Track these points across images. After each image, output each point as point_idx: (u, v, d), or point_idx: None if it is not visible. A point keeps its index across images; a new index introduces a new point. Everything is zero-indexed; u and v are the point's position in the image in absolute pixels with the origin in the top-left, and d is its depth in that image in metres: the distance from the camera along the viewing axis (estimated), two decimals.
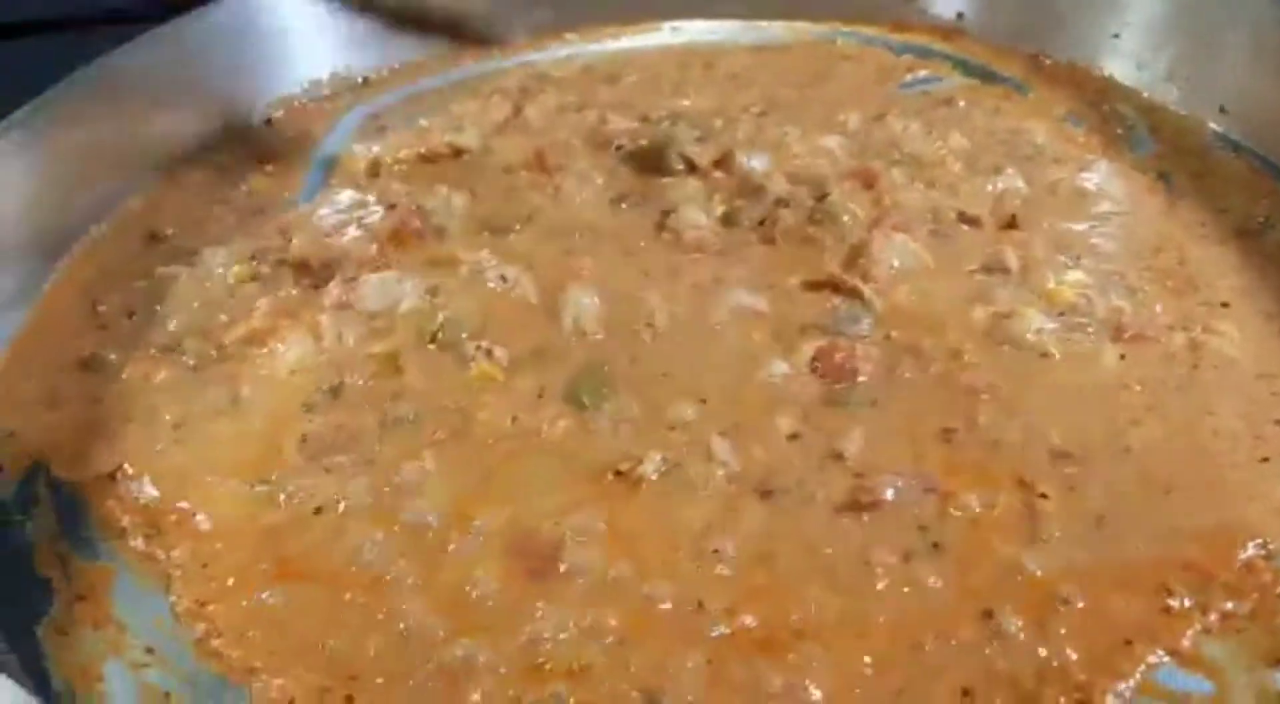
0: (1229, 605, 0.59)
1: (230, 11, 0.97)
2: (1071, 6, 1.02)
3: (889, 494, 0.66)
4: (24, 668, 0.59)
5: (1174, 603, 0.59)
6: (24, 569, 0.65)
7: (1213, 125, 0.94)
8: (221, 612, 0.62)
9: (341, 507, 0.67)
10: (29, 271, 0.83)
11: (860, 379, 0.74)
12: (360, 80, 1.07)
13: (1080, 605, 0.59)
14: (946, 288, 0.80)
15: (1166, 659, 0.57)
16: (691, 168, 0.93)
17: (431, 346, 0.78)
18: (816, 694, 0.57)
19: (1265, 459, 0.67)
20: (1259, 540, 0.62)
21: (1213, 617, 0.59)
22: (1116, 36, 1.00)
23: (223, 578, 0.64)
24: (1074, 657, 0.57)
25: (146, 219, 0.91)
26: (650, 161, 0.94)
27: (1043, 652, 0.58)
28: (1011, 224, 0.85)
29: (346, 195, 0.92)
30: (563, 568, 0.63)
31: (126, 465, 0.70)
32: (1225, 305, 0.77)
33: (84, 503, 0.69)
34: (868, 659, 0.58)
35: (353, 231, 0.88)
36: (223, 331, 0.79)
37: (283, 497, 0.68)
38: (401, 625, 0.61)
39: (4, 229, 0.81)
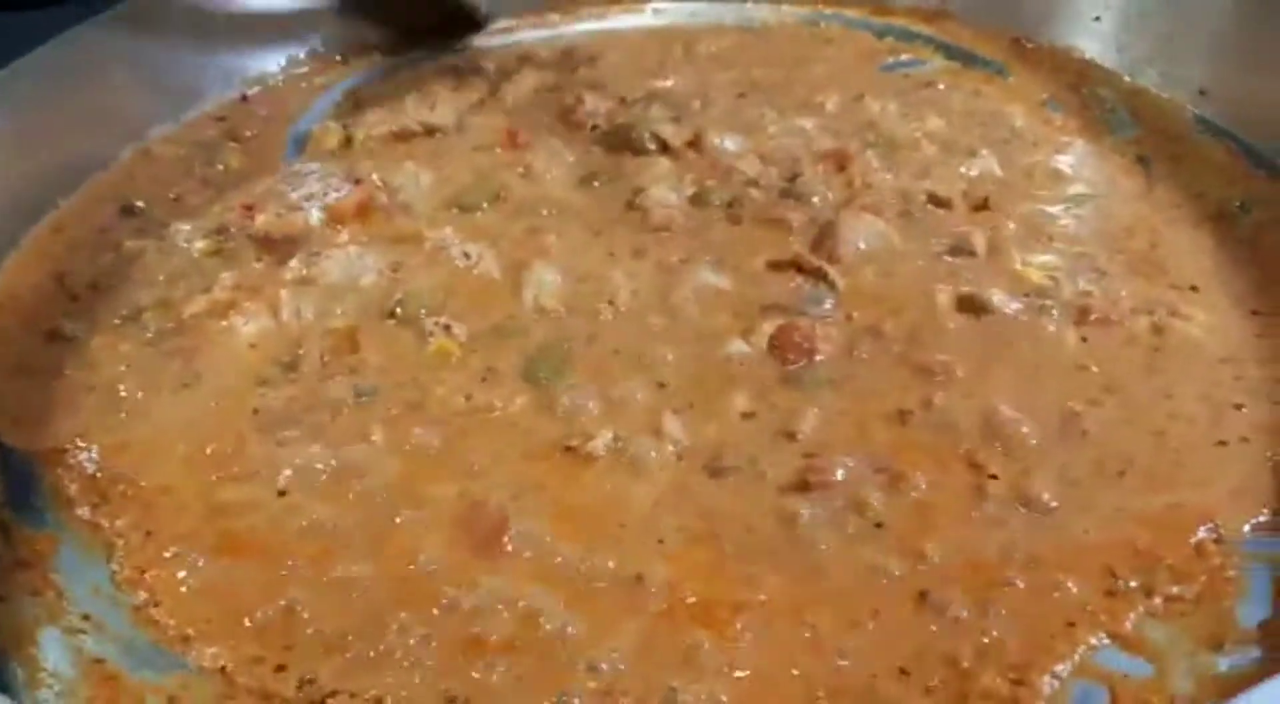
0: (1174, 589, 0.58)
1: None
2: None
3: (839, 474, 0.65)
4: None
5: (1119, 586, 0.58)
6: None
7: (1192, 108, 0.92)
8: (162, 580, 0.62)
9: (291, 479, 0.67)
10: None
11: (818, 359, 0.73)
12: (338, 58, 1.06)
13: (1023, 586, 0.59)
14: (912, 269, 0.79)
15: (1107, 642, 0.56)
16: (664, 148, 0.92)
17: (390, 322, 0.77)
18: (750, 669, 0.56)
19: (1222, 443, 0.65)
20: (1210, 524, 0.61)
21: (1157, 600, 0.58)
22: (1098, 19, 0.99)
23: (166, 547, 0.64)
24: (1014, 638, 0.56)
25: (118, 192, 0.91)
26: (623, 141, 0.93)
27: (983, 632, 0.57)
28: (983, 206, 0.84)
29: (315, 171, 0.92)
30: (507, 542, 0.63)
31: (78, 438, 0.70)
32: (1194, 289, 0.76)
33: (33, 472, 0.69)
34: (806, 635, 0.57)
35: (317, 207, 0.87)
36: (184, 305, 0.79)
37: (233, 468, 0.68)
38: (344, 596, 0.61)
39: None
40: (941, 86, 0.99)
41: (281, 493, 0.66)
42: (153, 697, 0.56)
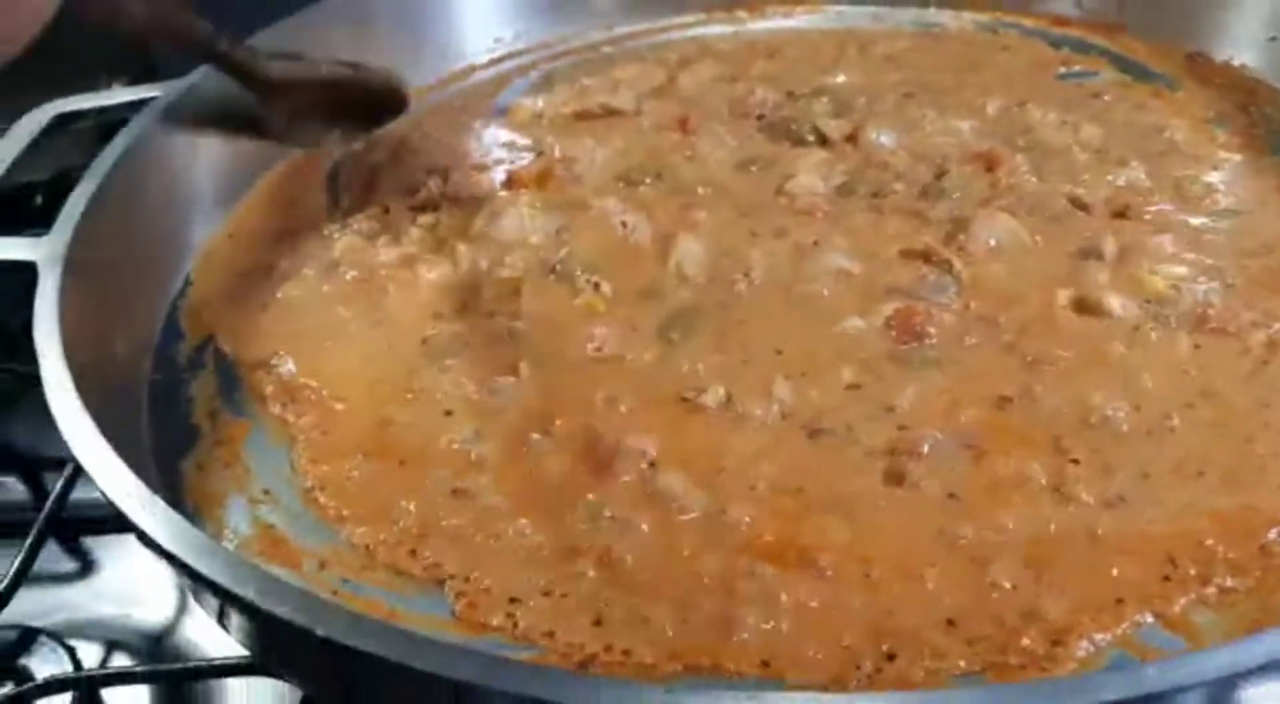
0: (1230, 581, 0.60)
1: None
2: (1230, 8, 1.00)
3: (926, 447, 0.70)
4: (165, 489, 0.71)
5: (1176, 573, 0.61)
6: (183, 416, 0.79)
7: None
8: (328, 471, 0.74)
9: (445, 401, 0.77)
10: (230, 187, 0.98)
11: (929, 341, 0.77)
12: (534, 45, 1.17)
13: (1081, 563, 0.62)
14: (1038, 267, 0.82)
15: (1151, 621, 0.59)
16: (823, 140, 0.98)
17: (550, 277, 0.86)
18: (811, 604, 0.62)
19: None
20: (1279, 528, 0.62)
21: (1211, 590, 0.60)
22: (1273, 39, 0.98)
23: (336, 445, 0.75)
24: (1062, 605, 0.60)
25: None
26: (785, 131, 1.00)
27: (1035, 597, 0.61)
28: (1122, 213, 0.86)
29: (505, 140, 1.03)
30: (617, 471, 0.71)
31: (279, 351, 0.83)
32: None
33: (240, 374, 0.82)
34: (865, 580, 0.63)
35: (503, 171, 0.98)
36: (381, 251, 0.91)
37: (401, 388, 0.79)
38: (472, 501, 0.70)
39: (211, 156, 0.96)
40: (1108, 98, 1.01)
41: (437, 410, 0.76)
42: (308, 560, 0.68)
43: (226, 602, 0.52)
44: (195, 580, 0.52)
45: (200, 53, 0.86)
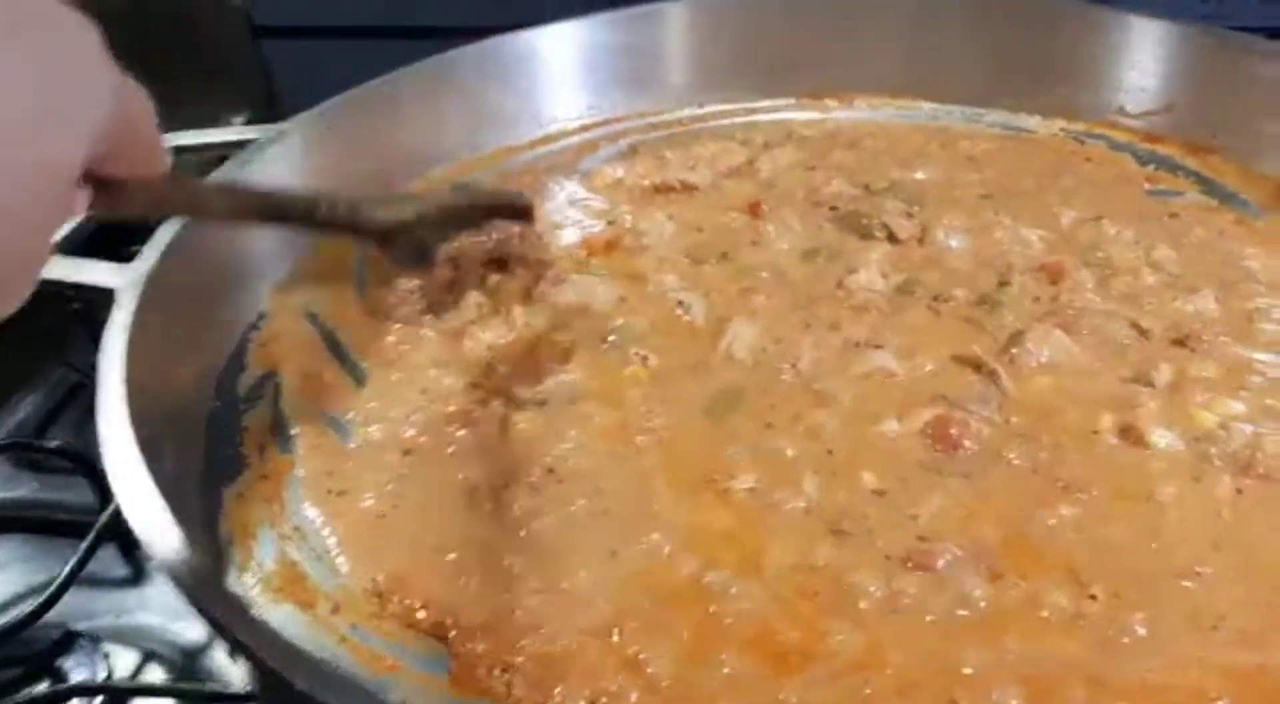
0: None
1: (518, 45, 1.15)
2: None
3: (941, 562, 0.69)
4: (203, 515, 0.75)
5: None
6: (234, 445, 0.82)
7: None
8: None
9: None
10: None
11: (963, 452, 0.77)
12: (629, 114, 1.20)
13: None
14: (1086, 388, 0.81)
15: None
16: (891, 236, 0.99)
17: (603, 345, 0.89)
18: None
19: None
20: None
21: None
22: None
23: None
24: None
25: None
26: (855, 224, 1.01)
27: None
28: (1182, 342, 0.84)
29: (581, 205, 1.06)
30: (640, 540, 0.72)
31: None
32: None
33: (295, 410, 0.86)
34: (868, 691, 0.63)
35: (573, 235, 1.01)
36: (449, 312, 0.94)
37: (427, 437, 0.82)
38: (489, 564, 0.72)
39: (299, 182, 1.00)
40: (1186, 219, 0.99)
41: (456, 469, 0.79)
42: (323, 601, 0.70)
43: (219, 636, 0.54)
44: (194, 610, 0.55)
45: (300, 225, 0.85)
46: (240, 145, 0.99)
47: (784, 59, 1.21)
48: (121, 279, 0.80)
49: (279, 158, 0.97)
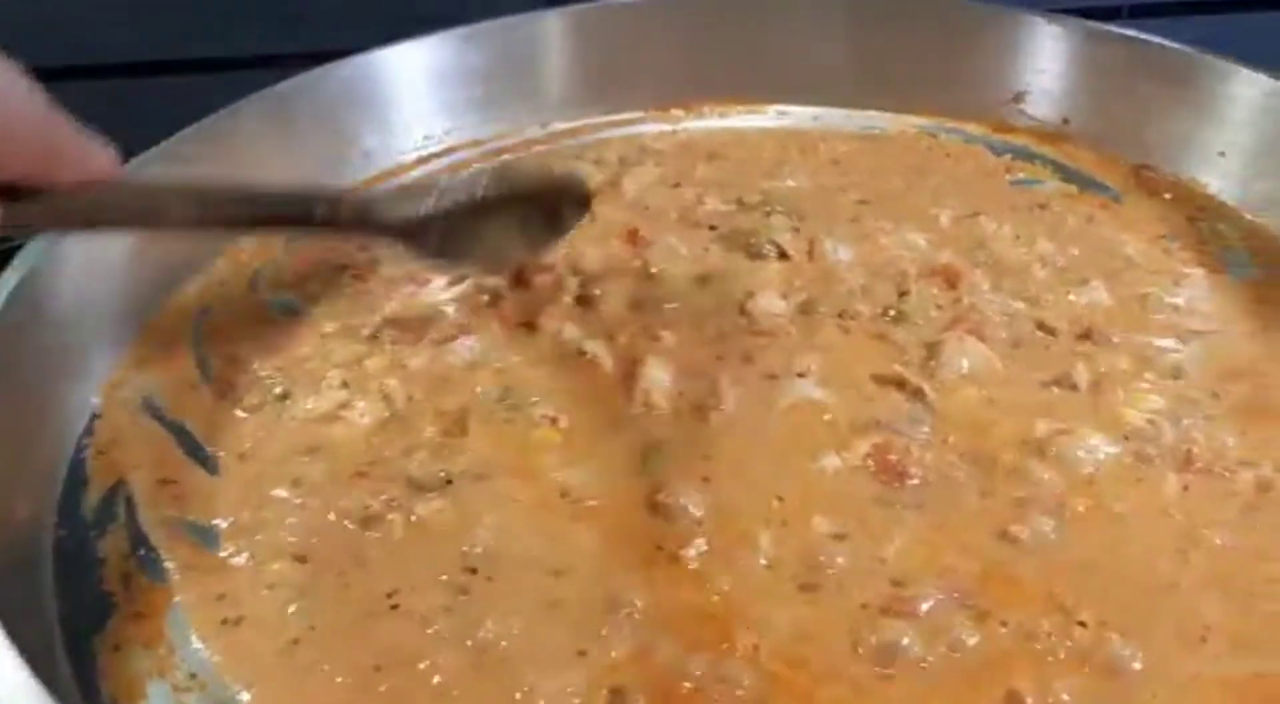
0: None
1: (340, 75, 1.03)
2: (1178, 120, 1.01)
3: (924, 607, 0.66)
4: (76, 677, 0.63)
5: None
6: (93, 582, 0.70)
7: None
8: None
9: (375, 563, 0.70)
10: (138, 307, 0.89)
11: (911, 482, 0.74)
12: (464, 143, 1.11)
13: None
14: (1012, 397, 0.80)
15: None
16: (781, 254, 0.94)
17: (501, 409, 0.80)
18: None
19: None
20: None
21: None
22: (1222, 155, 0.99)
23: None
24: None
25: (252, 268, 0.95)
26: (741, 244, 0.96)
27: None
28: (1088, 336, 0.84)
29: None
30: (604, 633, 0.65)
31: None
32: None
33: (155, 526, 0.73)
34: None
35: (442, 286, 0.91)
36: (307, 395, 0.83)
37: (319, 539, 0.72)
38: (423, 683, 0.63)
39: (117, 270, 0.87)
40: (1056, 209, 1.00)
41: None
42: None
43: None
44: None
45: (295, 229, 0.77)
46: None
47: (625, 71, 1.14)
48: None
49: None
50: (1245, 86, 0.97)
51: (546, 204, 0.82)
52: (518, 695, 0.62)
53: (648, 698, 0.61)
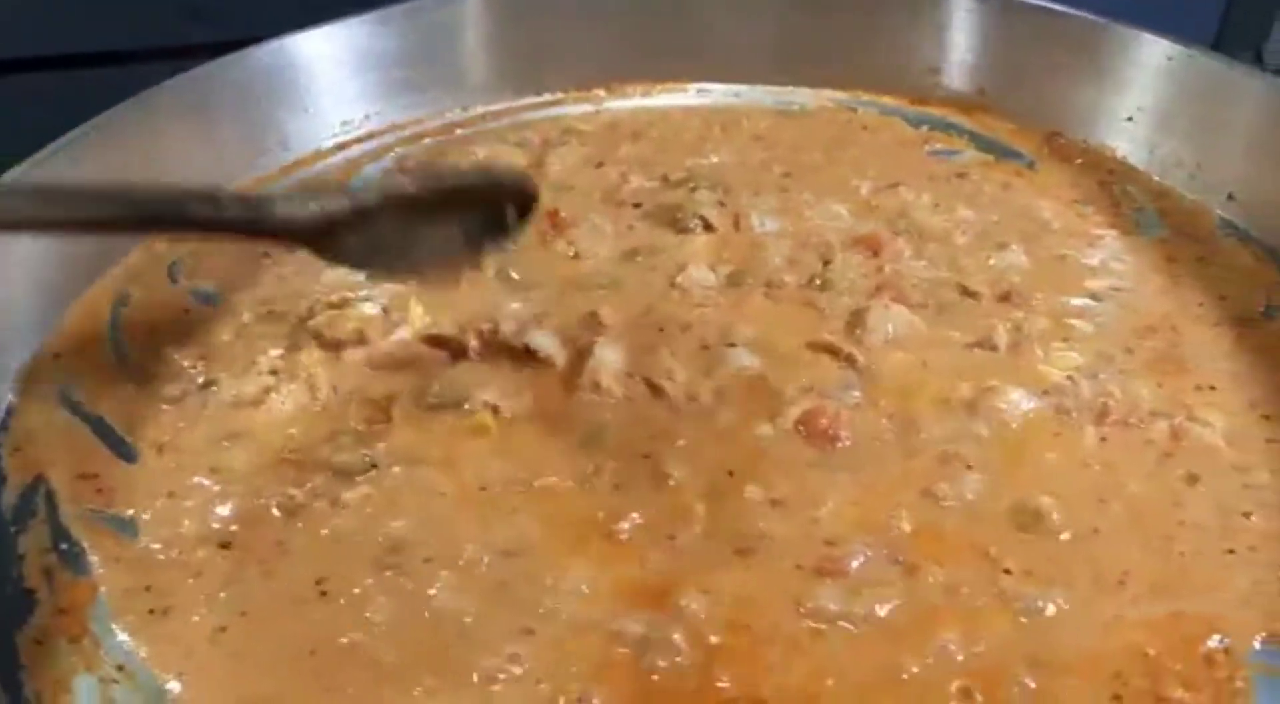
0: (1182, 694, 0.59)
1: (253, 62, 1.02)
2: (1087, 87, 1.03)
3: (855, 564, 0.67)
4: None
5: (1127, 689, 0.59)
6: (14, 579, 0.68)
7: (1220, 212, 0.94)
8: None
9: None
10: (53, 299, 0.86)
11: (842, 445, 0.75)
12: (384, 128, 1.10)
13: (1032, 690, 0.60)
14: (937, 360, 0.81)
15: None
16: (707, 227, 0.95)
17: (433, 399, 0.79)
18: None
19: (1231, 551, 0.67)
20: (1218, 636, 0.62)
21: None
22: (1130, 119, 1.01)
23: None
24: None
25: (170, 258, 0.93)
26: (668, 219, 0.96)
27: None
28: (1008, 298, 0.86)
29: None
30: (541, 611, 0.65)
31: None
32: (1212, 389, 0.78)
33: (76, 520, 0.72)
34: None
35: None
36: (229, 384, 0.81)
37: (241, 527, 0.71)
38: (359, 663, 0.63)
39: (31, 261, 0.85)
40: (974, 177, 1.02)
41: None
42: None
43: None
44: None
45: (182, 230, 0.70)
46: None
47: (547, 52, 1.14)
48: None
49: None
50: (1147, 51, 0.99)
51: (486, 203, 0.73)
52: (471, 677, 0.62)
53: (592, 673, 0.61)
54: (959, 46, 1.09)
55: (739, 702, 0.60)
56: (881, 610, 0.64)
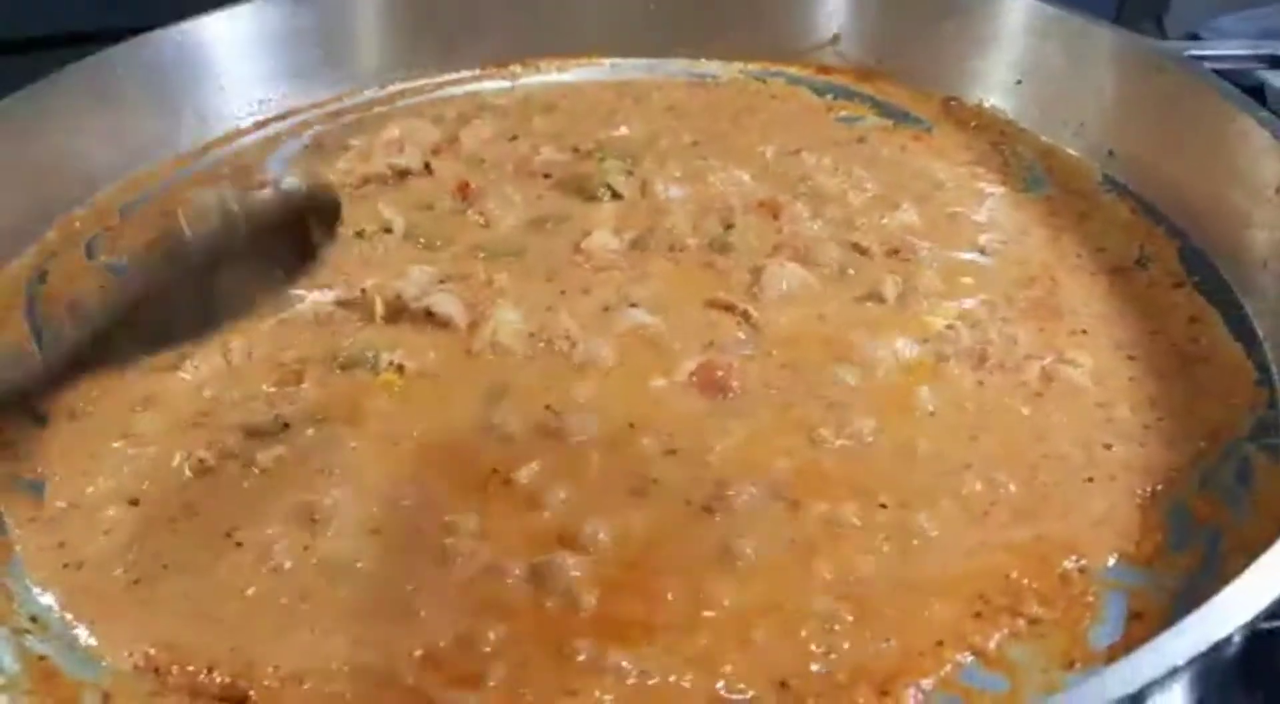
0: (1037, 610, 0.63)
1: (165, 42, 1.04)
2: (980, 54, 1.07)
3: (741, 501, 0.70)
4: None
5: (987, 609, 0.63)
6: None
7: (1102, 168, 0.98)
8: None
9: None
10: None
11: (733, 394, 0.78)
12: (304, 106, 1.12)
13: (901, 610, 0.64)
14: (829, 313, 0.85)
15: (971, 659, 0.61)
16: (614, 195, 0.98)
17: (340, 361, 0.82)
18: (650, 681, 0.61)
19: (1090, 479, 0.71)
20: (1074, 556, 0.66)
21: (1021, 622, 0.63)
22: (1019, 83, 1.05)
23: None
24: (887, 655, 0.61)
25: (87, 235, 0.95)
26: (576, 188, 0.99)
27: (860, 650, 0.62)
28: (897, 254, 0.90)
29: None
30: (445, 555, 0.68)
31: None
32: (1084, 332, 0.82)
33: None
34: (696, 650, 0.62)
35: None
36: None
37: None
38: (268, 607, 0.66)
39: None
40: (873, 141, 1.05)
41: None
42: (89, 693, 0.62)
43: None
44: None
45: None
46: None
47: (462, 29, 1.16)
48: None
49: None
50: (1015, 15, 1.04)
51: (288, 229, 0.70)
52: (378, 621, 0.65)
53: (497, 617, 0.64)
54: (857, 17, 1.13)
55: (631, 628, 0.63)
56: (767, 543, 0.68)
